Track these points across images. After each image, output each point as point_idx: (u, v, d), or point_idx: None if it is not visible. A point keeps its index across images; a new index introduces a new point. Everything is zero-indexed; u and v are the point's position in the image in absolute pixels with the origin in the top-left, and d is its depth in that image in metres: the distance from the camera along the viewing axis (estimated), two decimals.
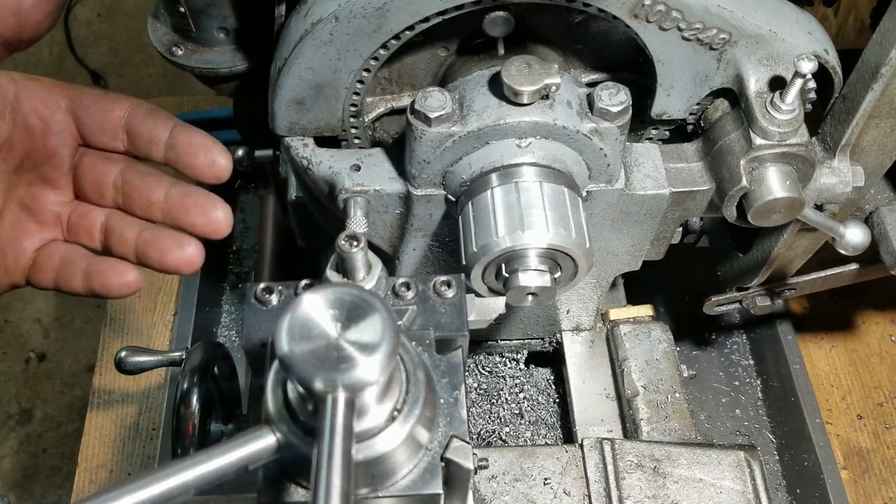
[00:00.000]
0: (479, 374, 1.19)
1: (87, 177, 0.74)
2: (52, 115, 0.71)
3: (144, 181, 0.74)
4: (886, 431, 1.25)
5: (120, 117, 0.73)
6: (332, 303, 0.51)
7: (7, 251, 0.74)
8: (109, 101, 0.73)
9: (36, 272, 0.75)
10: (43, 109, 0.71)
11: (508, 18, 0.82)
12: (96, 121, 0.72)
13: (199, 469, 0.52)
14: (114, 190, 0.74)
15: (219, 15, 0.92)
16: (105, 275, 0.73)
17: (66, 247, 0.75)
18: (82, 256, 0.75)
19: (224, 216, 0.73)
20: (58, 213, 0.75)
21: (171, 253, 0.73)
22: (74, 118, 0.72)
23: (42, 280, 0.75)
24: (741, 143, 0.83)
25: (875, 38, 0.79)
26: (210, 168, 0.73)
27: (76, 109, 0.72)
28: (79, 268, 0.74)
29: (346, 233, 0.63)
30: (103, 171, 0.74)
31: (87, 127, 0.73)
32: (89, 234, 0.75)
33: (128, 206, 0.75)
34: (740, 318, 1.36)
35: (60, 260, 0.75)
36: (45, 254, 0.75)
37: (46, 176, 0.74)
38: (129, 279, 0.73)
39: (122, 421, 1.24)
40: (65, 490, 1.99)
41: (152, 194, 0.73)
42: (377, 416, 0.55)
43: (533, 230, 0.76)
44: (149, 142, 0.73)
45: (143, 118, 0.73)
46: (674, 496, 0.93)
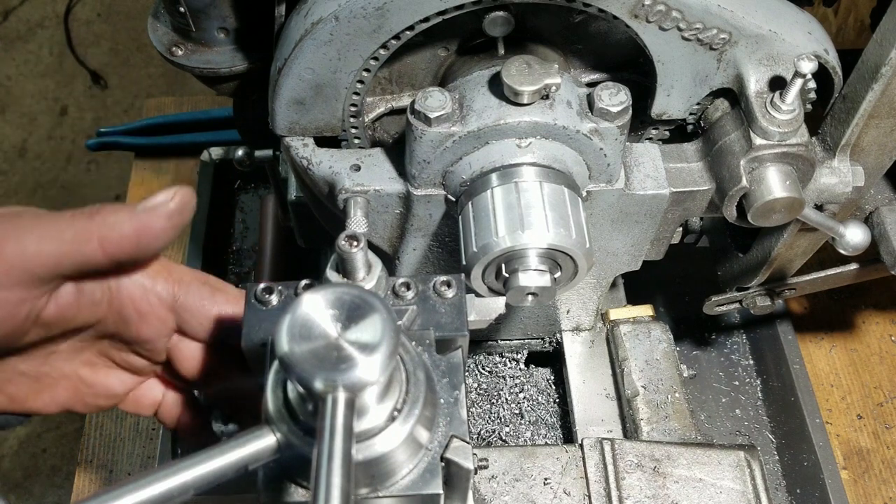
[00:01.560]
0: (479, 374, 1.19)
1: (182, 361, 0.71)
2: (151, 311, 0.66)
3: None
4: (886, 431, 1.25)
5: (214, 314, 0.69)
6: (332, 303, 0.51)
7: (98, 394, 0.71)
8: (216, 305, 0.68)
9: (133, 406, 0.75)
10: (143, 304, 0.66)
11: (508, 18, 0.82)
12: (201, 325, 0.68)
13: (199, 469, 0.52)
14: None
15: (219, 15, 0.92)
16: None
17: (164, 388, 0.75)
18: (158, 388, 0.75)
19: None
20: (151, 366, 0.72)
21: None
22: (175, 315, 0.68)
23: (141, 412, 0.75)
24: (741, 143, 0.83)
25: (875, 38, 0.79)
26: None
27: (179, 309, 0.67)
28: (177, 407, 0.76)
29: (346, 233, 0.63)
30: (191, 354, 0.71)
31: (189, 325, 0.69)
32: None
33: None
34: (740, 318, 1.36)
35: (163, 397, 0.75)
36: (142, 390, 0.74)
37: (138, 351, 0.71)
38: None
39: (122, 421, 1.24)
40: (65, 490, 1.99)
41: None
42: (377, 416, 0.55)
43: (533, 230, 0.76)
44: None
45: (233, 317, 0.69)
46: (674, 496, 0.93)
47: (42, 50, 3.01)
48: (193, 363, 0.70)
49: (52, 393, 0.68)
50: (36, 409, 0.69)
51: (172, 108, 1.63)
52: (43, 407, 0.69)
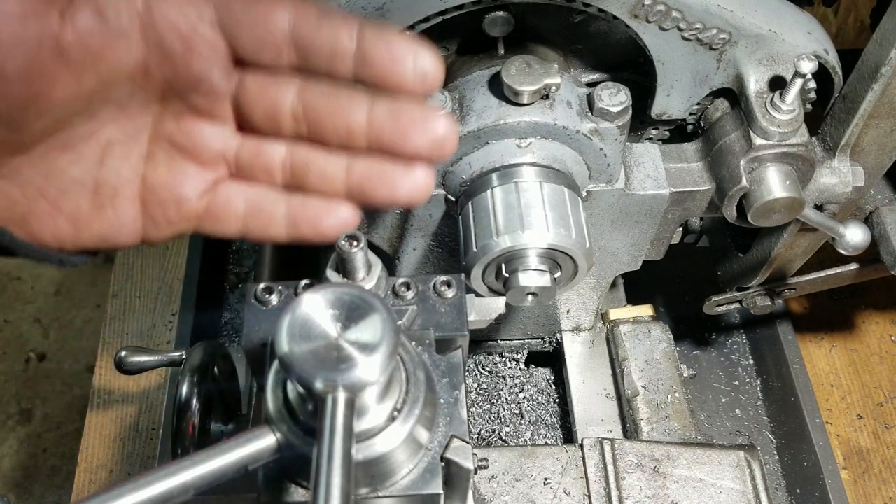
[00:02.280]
0: (479, 374, 1.19)
1: (254, 105, 0.58)
2: (194, 32, 0.55)
3: (336, 104, 0.57)
4: (886, 431, 1.25)
5: (284, 28, 0.55)
6: (332, 303, 0.51)
7: (166, 200, 0.60)
8: (267, 8, 0.55)
9: (214, 220, 0.61)
10: (182, 24, 0.55)
11: (508, 18, 0.82)
12: (254, 36, 0.56)
13: (199, 469, 0.52)
14: (293, 119, 0.58)
15: None
16: (319, 217, 0.59)
17: (248, 188, 0.60)
18: (276, 199, 0.60)
19: (451, 131, 0.57)
20: (221, 150, 0.60)
21: (404, 183, 0.57)
22: (224, 34, 0.56)
23: (225, 227, 0.61)
24: (741, 143, 0.83)
25: (875, 38, 0.79)
26: (421, 80, 0.55)
27: (226, 22, 0.55)
28: (277, 212, 0.60)
29: (346, 233, 0.63)
30: (275, 97, 0.58)
31: (243, 44, 0.56)
32: (268, 174, 0.60)
33: (318, 136, 0.58)
34: (740, 318, 1.36)
35: (247, 205, 0.60)
36: (221, 199, 0.60)
37: (198, 106, 0.59)
38: (347, 217, 0.59)
39: (122, 421, 1.24)
40: (65, 490, 1.99)
41: (351, 120, 0.57)
42: (377, 416, 0.55)
43: (533, 230, 0.76)
44: (330, 56, 0.56)
45: (317, 26, 0.55)
46: (674, 496, 0.93)
47: None
48: (267, 102, 0.58)
49: (117, 208, 0.59)
50: (103, 232, 0.59)
51: None
52: (110, 230, 0.59)
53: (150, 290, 1.37)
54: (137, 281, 1.39)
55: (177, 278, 1.38)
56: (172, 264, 1.40)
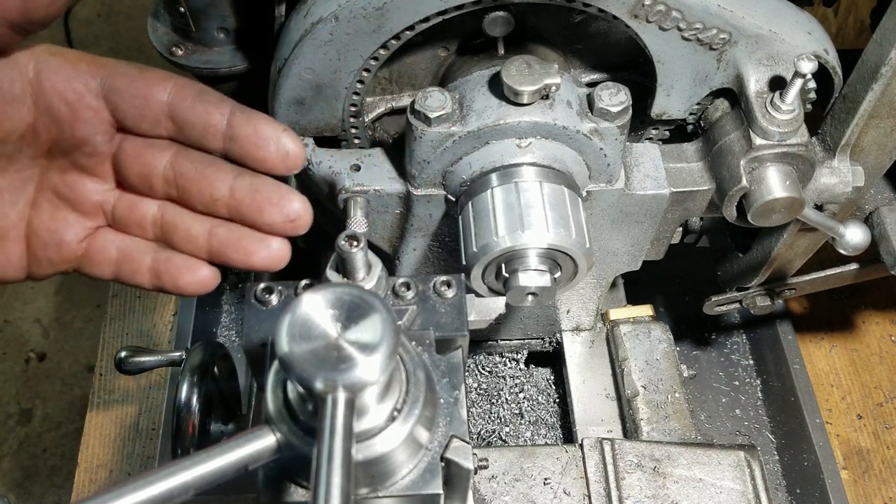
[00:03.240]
0: (479, 374, 1.19)
1: (130, 167, 0.64)
2: (80, 101, 0.61)
3: (202, 174, 0.63)
4: (886, 431, 1.25)
5: (162, 102, 0.62)
6: (332, 303, 0.51)
7: (48, 243, 0.65)
8: (148, 83, 0.62)
9: (90, 264, 0.67)
10: (69, 93, 0.60)
11: (508, 18, 0.82)
12: (134, 107, 0.61)
13: (199, 469, 0.52)
14: (164, 182, 0.64)
15: (219, 15, 0.92)
16: (178, 273, 0.64)
17: (122, 238, 0.67)
18: (144, 250, 0.66)
19: (304, 210, 0.63)
20: (99, 202, 0.66)
21: (258, 252, 0.64)
22: (107, 102, 0.62)
23: (99, 272, 0.67)
24: (741, 143, 0.83)
25: (875, 38, 0.79)
26: (284, 162, 0.62)
27: (109, 93, 0.61)
28: (143, 263, 0.66)
29: (346, 233, 0.63)
30: (149, 162, 0.63)
31: (124, 113, 0.62)
32: (140, 228, 0.66)
33: (185, 202, 0.65)
34: (740, 318, 1.36)
35: (119, 253, 0.66)
36: (97, 245, 0.66)
37: (81, 164, 0.64)
38: (204, 276, 0.65)
39: (122, 421, 1.24)
40: (65, 490, 1.99)
41: (214, 189, 0.63)
42: (377, 416, 0.55)
43: (533, 230, 0.76)
44: (203, 131, 0.62)
45: (192, 103, 0.62)
46: (674, 496, 0.93)
47: None
48: (142, 165, 0.63)
49: (4, 249, 0.64)
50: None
51: None
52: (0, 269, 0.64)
53: None
54: None
55: None
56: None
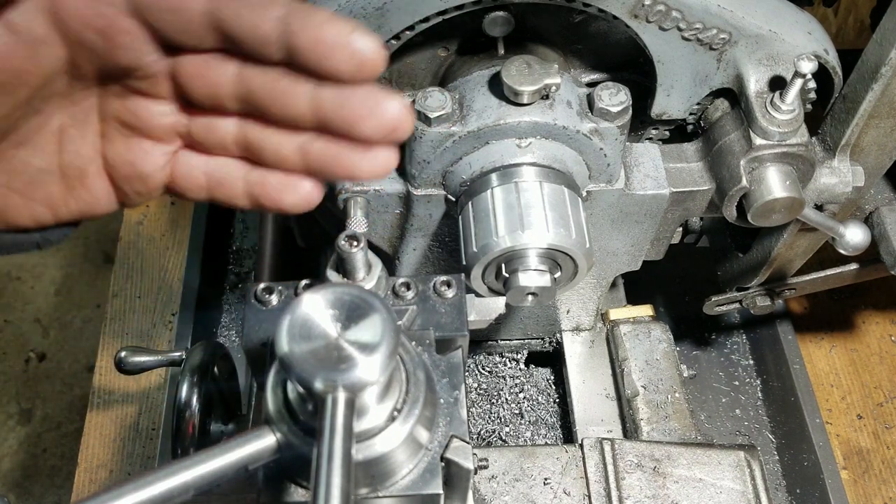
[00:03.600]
0: (479, 374, 1.19)
1: (193, 87, 0.56)
2: (110, 26, 0.52)
3: (276, 89, 0.54)
4: (886, 431, 1.25)
5: (199, 13, 0.52)
6: (332, 303, 0.51)
7: (131, 177, 0.59)
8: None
9: (179, 189, 0.61)
10: (96, 20, 0.52)
11: (508, 18, 0.82)
12: (169, 22, 0.53)
13: (199, 469, 0.52)
14: (237, 101, 0.56)
15: None
16: (277, 195, 0.58)
17: (208, 161, 0.59)
18: (235, 172, 0.59)
19: (403, 114, 0.53)
20: (171, 124, 0.58)
21: (362, 165, 0.54)
22: (140, 20, 0.53)
23: (192, 196, 0.61)
24: (741, 143, 0.83)
25: (875, 38, 0.79)
26: (359, 70, 0.51)
27: (138, 10, 0.52)
28: (236, 186, 0.59)
29: (346, 233, 0.63)
30: (213, 81, 0.55)
31: (163, 30, 0.53)
32: (223, 148, 0.59)
33: (266, 118, 0.56)
34: (740, 318, 1.36)
35: (206, 178, 0.60)
36: (182, 171, 0.60)
37: (138, 88, 0.57)
38: (306, 192, 0.57)
39: (122, 421, 1.24)
40: (65, 490, 1.99)
41: (294, 106, 0.54)
42: (377, 416, 0.55)
43: (533, 230, 0.76)
44: (257, 44, 0.52)
45: (235, 10, 0.52)
46: (674, 496, 0.93)
47: None
48: (206, 83, 0.55)
49: (88, 187, 0.59)
50: (80, 209, 0.60)
51: None
52: (87, 206, 0.59)
53: (150, 290, 1.38)
54: (137, 281, 1.39)
55: (177, 278, 1.38)
56: (172, 264, 1.40)
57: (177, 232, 1.44)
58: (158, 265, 1.41)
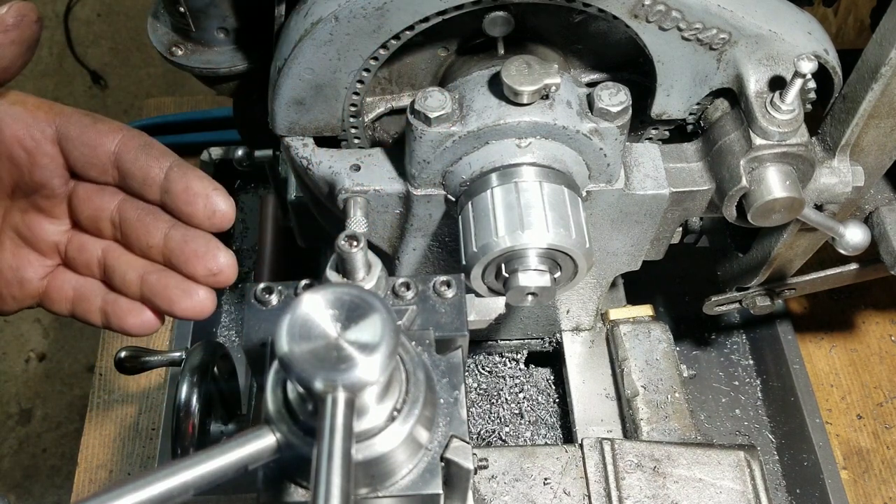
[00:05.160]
0: (479, 374, 1.19)
1: (82, 210, 0.71)
2: (37, 147, 0.67)
3: (142, 221, 0.69)
4: (886, 431, 1.25)
5: (109, 152, 0.68)
6: (332, 303, 0.51)
7: (11, 281, 0.72)
8: (98, 133, 0.68)
9: (49, 301, 0.74)
10: (27, 140, 0.67)
11: (508, 18, 0.82)
12: (84, 155, 0.68)
13: (199, 469, 0.52)
14: (111, 226, 0.71)
15: (219, 15, 0.92)
16: (123, 316, 0.71)
17: (77, 278, 0.73)
18: (96, 291, 0.73)
19: (227, 264, 0.68)
20: (56, 242, 0.73)
21: (180, 302, 0.68)
22: (62, 149, 0.68)
23: (58, 309, 0.74)
24: (741, 143, 0.83)
25: (875, 38, 0.79)
26: (210, 219, 0.68)
27: (63, 140, 0.68)
28: (94, 303, 0.72)
29: (346, 233, 0.63)
30: (99, 206, 0.71)
31: (76, 160, 0.69)
32: (88, 268, 0.73)
33: (126, 245, 0.71)
34: (740, 318, 1.36)
35: (74, 292, 0.73)
36: (56, 284, 0.73)
37: (40, 205, 0.71)
38: (146, 320, 0.71)
39: (122, 421, 1.24)
40: (65, 490, 1.99)
41: (150, 237, 0.69)
42: (377, 416, 0.55)
43: (533, 230, 0.76)
44: (142, 182, 0.68)
45: (136, 155, 0.68)
46: (674, 496, 0.93)
47: (42, 50, 3.01)
48: (92, 208, 0.70)
49: None
50: None
51: (172, 108, 1.64)
52: None
53: None
54: None
55: None
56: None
57: None
58: None
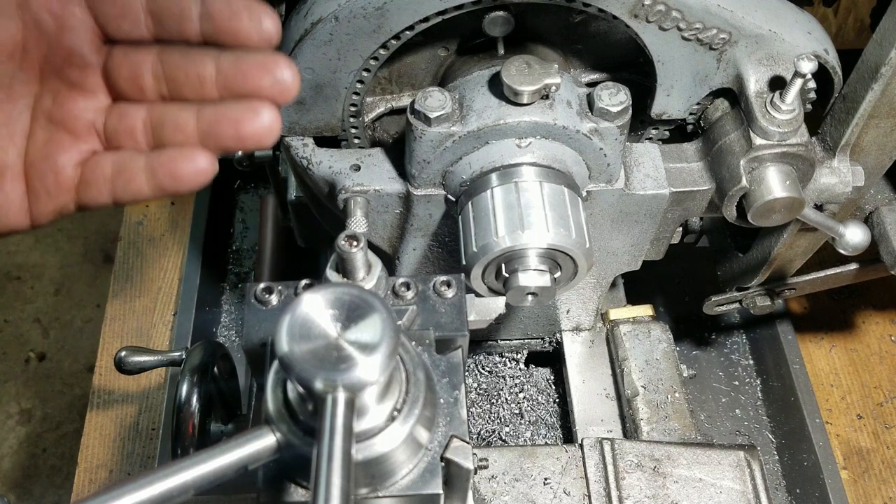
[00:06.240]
0: (479, 374, 1.19)
1: (120, 73, 0.65)
2: (64, 9, 0.63)
3: (187, 58, 0.64)
4: (886, 431, 1.25)
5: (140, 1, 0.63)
6: (332, 303, 0.51)
7: (45, 172, 0.66)
8: None
9: (87, 189, 0.67)
10: (53, 3, 0.63)
11: (508, 18, 0.82)
12: (114, 7, 0.63)
13: (199, 469, 0.52)
14: (154, 80, 0.65)
15: None
16: (175, 164, 0.64)
17: (116, 155, 0.67)
18: (138, 156, 0.66)
19: (291, 74, 0.63)
20: (92, 121, 0.67)
21: (248, 122, 0.63)
22: (90, 9, 0.63)
23: (96, 196, 0.67)
24: (741, 142, 0.83)
25: (875, 38, 0.79)
26: (258, 32, 0.62)
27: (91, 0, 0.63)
28: (138, 168, 0.66)
29: (346, 233, 0.63)
30: (137, 63, 0.65)
31: (106, 16, 0.64)
32: (131, 136, 0.67)
33: (176, 93, 0.66)
34: (740, 318, 1.36)
35: (113, 168, 0.66)
36: (92, 167, 0.67)
37: (73, 81, 0.66)
38: (202, 164, 0.64)
39: (122, 421, 1.24)
40: (65, 490, 1.99)
41: (202, 69, 0.64)
42: (377, 416, 0.55)
43: (533, 230, 0.76)
44: (179, 18, 0.63)
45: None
46: (674, 496, 0.93)
47: None
48: (130, 67, 0.65)
49: (4, 189, 0.65)
50: None
51: None
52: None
53: (150, 290, 1.38)
54: (137, 281, 1.39)
55: (177, 278, 1.38)
56: (172, 264, 1.40)
57: (177, 232, 1.44)
58: (158, 265, 1.41)
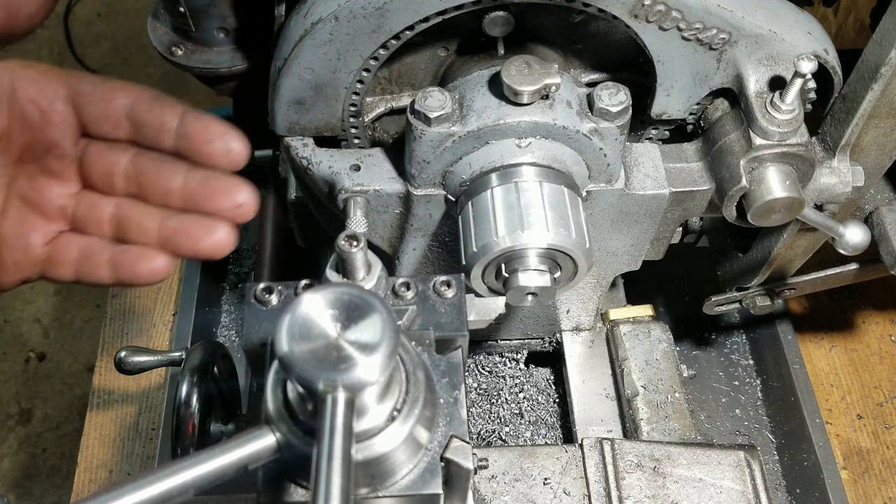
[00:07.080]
0: (479, 374, 1.19)
1: (94, 167, 0.71)
2: (50, 106, 0.69)
3: (159, 169, 0.70)
4: (886, 431, 1.25)
5: (123, 106, 0.69)
6: (331, 303, 0.51)
7: (14, 247, 0.71)
8: (111, 89, 0.70)
9: (53, 266, 0.73)
10: (41, 99, 0.68)
11: (508, 18, 0.82)
12: (97, 110, 0.69)
13: (199, 469, 0.52)
14: (125, 180, 0.71)
15: (219, 15, 0.92)
16: (136, 263, 0.70)
17: (82, 238, 0.73)
18: (103, 247, 0.72)
19: (250, 198, 0.69)
20: (63, 205, 0.73)
21: (205, 238, 0.69)
22: (74, 107, 0.70)
23: (62, 273, 0.73)
24: (741, 142, 0.83)
25: (875, 38, 0.79)
26: (227, 156, 0.69)
27: (75, 98, 0.69)
28: (102, 258, 0.71)
29: (345, 233, 0.63)
30: (112, 161, 0.71)
31: (89, 116, 0.70)
32: (98, 226, 0.72)
33: (142, 196, 0.72)
34: (740, 318, 1.36)
35: (79, 252, 0.72)
36: (59, 247, 0.73)
37: (49, 168, 0.71)
38: (160, 265, 0.70)
39: (122, 421, 1.24)
40: (65, 490, 1.99)
41: (170, 181, 0.70)
42: (377, 416, 0.55)
43: (532, 230, 0.76)
44: (157, 130, 0.69)
45: (149, 106, 0.70)
46: (674, 496, 0.93)
47: (42, 50, 3.01)
48: (105, 164, 0.71)
49: None
50: None
51: None
52: None
53: (150, 290, 1.37)
54: None
55: (177, 278, 1.38)
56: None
57: None
58: None
